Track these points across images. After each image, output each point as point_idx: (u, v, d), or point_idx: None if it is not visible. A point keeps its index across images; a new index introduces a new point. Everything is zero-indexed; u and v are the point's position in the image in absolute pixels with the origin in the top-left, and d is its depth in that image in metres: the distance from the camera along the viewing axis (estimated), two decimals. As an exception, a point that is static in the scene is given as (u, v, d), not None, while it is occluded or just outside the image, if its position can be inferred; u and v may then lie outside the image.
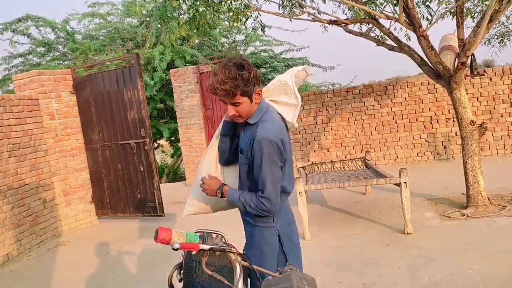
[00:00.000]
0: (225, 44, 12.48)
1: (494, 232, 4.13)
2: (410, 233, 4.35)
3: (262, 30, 5.50)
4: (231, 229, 2.76)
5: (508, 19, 9.34)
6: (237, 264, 1.43)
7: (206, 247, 1.44)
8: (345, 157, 8.34)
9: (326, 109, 8.55)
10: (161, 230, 1.39)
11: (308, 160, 8.34)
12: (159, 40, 10.65)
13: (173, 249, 1.37)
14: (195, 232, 1.80)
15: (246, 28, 6.19)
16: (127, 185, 6.34)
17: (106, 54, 9.94)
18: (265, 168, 1.90)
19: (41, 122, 5.94)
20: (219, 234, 2.29)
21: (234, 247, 2.19)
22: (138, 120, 6.07)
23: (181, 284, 2.07)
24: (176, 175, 12.82)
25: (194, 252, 1.49)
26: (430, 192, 5.85)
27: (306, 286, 1.28)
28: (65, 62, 11.64)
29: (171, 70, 8.76)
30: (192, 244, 1.41)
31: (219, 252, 1.44)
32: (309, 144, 8.70)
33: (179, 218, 6.22)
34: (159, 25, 10.55)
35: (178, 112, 8.75)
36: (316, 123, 8.62)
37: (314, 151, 8.68)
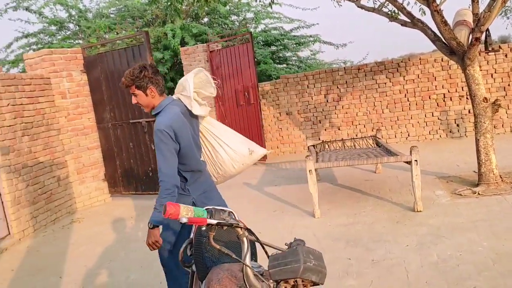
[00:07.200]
0: (236, 22, 12.33)
1: (504, 209, 4.11)
2: (420, 211, 4.35)
3: (270, 5, 5.42)
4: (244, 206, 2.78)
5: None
6: (245, 239, 1.45)
7: (214, 221, 1.47)
8: (356, 136, 8.30)
9: (337, 87, 8.47)
10: (169, 205, 1.42)
11: (319, 139, 8.31)
12: (168, 18, 10.56)
13: (181, 223, 1.40)
14: (205, 208, 1.83)
15: (257, 0, 6.10)
16: (139, 164, 6.42)
17: (117, 33, 9.90)
18: (158, 154, 2.33)
19: (53, 101, 6.00)
20: (228, 210, 2.34)
21: (242, 223, 2.23)
22: (149, 99, 6.08)
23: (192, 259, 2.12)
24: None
25: (203, 228, 1.52)
26: (441, 170, 5.81)
27: (313, 260, 1.30)
28: (76, 41, 11.63)
29: (181, 48, 8.71)
30: (199, 218, 1.43)
31: (226, 227, 1.46)
32: (320, 122, 8.66)
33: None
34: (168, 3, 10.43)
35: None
36: (327, 101, 8.55)
37: (325, 130, 8.65)
